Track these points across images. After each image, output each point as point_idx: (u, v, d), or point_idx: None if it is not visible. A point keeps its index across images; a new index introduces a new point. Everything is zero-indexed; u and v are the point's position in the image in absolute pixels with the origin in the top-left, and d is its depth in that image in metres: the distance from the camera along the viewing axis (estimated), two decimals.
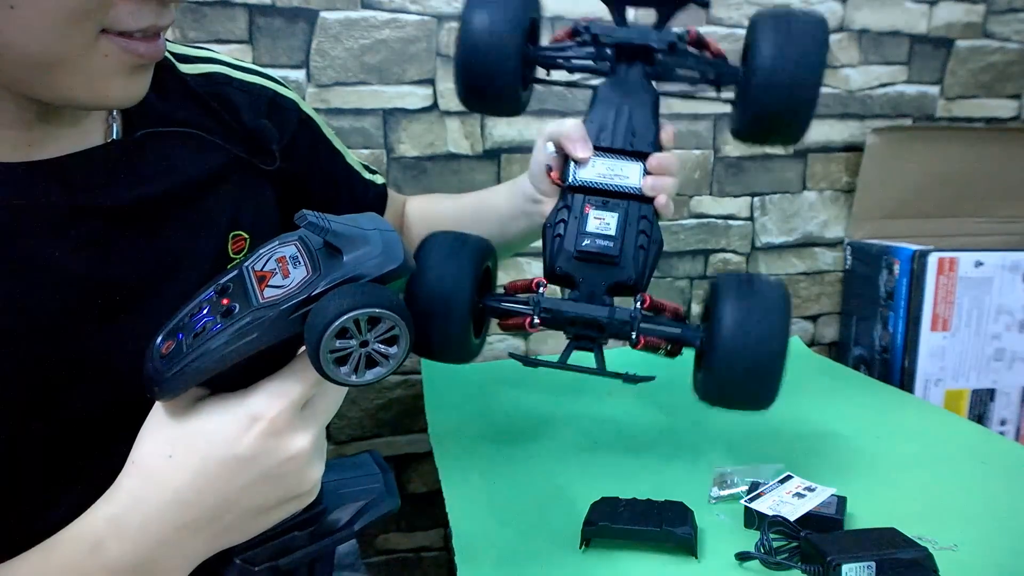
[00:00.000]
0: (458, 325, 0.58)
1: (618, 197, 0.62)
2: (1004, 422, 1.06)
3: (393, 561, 1.13)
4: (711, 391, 0.58)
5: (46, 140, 0.48)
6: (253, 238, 0.58)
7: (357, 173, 0.73)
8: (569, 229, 0.61)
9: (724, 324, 0.54)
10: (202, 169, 0.55)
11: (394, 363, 0.39)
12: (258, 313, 0.37)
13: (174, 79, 0.56)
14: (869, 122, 1.16)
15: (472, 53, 0.60)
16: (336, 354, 0.37)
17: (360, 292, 0.37)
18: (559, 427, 0.78)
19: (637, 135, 0.63)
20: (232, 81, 0.60)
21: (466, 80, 0.62)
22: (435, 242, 0.60)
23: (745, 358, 0.54)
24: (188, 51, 0.60)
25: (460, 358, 0.61)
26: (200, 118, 0.56)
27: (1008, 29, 1.19)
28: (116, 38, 0.42)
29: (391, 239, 0.40)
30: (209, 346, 0.37)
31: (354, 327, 0.37)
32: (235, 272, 0.41)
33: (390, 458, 1.09)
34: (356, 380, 0.38)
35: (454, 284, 0.57)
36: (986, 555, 0.53)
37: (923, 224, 1.17)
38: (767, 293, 0.56)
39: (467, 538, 0.57)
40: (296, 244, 0.41)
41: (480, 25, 0.60)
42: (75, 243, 0.48)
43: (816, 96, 0.58)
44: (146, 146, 0.52)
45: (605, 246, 0.59)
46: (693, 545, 0.54)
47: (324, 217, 0.39)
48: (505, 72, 0.61)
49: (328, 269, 0.38)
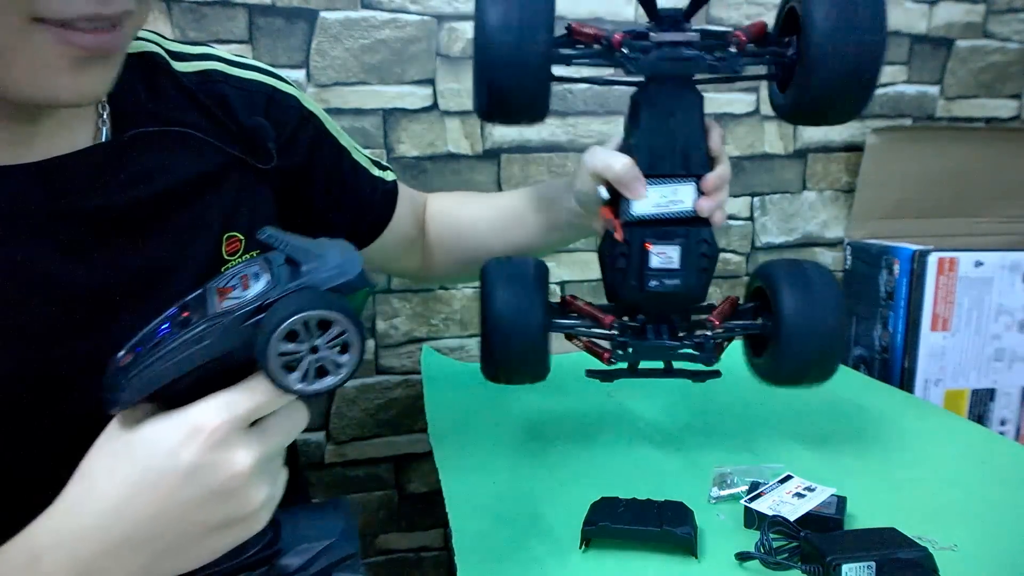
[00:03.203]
0: (538, 353, 0.60)
1: (675, 224, 0.60)
2: (1004, 422, 1.06)
3: (393, 561, 1.13)
4: (783, 372, 0.61)
5: (30, 142, 0.47)
6: (248, 239, 0.57)
7: (365, 170, 0.71)
8: (631, 264, 0.60)
9: (791, 309, 0.59)
10: (195, 170, 0.54)
11: (346, 372, 0.38)
12: (212, 320, 0.37)
13: (168, 78, 0.55)
14: (869, 122, 1.16)
15: (497, 63, 0.54)
16: (285, 358, 0.37)
17: (311, 297, 0.37)
18: (559, 427, 0.78)
19: (690, 158, 0.59)
20: (229, 79, 0.59)
21: (492, 94, 0.56)
22: (499, 271, 0.61)
23: (814, 338, 0.59)
24: (184, 49, 0.59)
25: (538, 379, 0.63)
26: (194, 118, 0.55)
27: (1008, 29, 1.20)
28: (54, 28, 0.39)
29: (350, 255, 0.40)
30: (161, 352, 0.37)
31: (304, 331, 0.37)
32: (199, 291, 0.41)
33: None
34: (306, 388, 0.38)
35: (529, 313, 0.59)
36: (986, 555, 0.53)
37: (923, 224, 1.17)
38: (818, 273, 0.61)
39: (467, 538, 0.57)
40: (260, 263, 0.41)
41: (503, 29, 0.53)
42: (59, 248, 0.47)
43: (882, 61, 0.54)
44: (136, 147, 0.51)
45: (673, 285, 0.60)
46: (693, 545, 0.54)
47: (281, 233, 0.40)
48: (537, 82, 0.55)
49: (285, 280, 0.38)
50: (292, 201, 0.65)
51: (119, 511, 0.37)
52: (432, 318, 1.06)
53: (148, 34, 0.57)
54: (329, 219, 0.69)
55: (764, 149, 1.14)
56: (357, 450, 1.07)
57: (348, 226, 0.71)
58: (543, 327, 0.60)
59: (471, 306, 1.07)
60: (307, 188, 0.66)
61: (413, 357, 1.06)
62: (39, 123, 0.47)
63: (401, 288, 1.04)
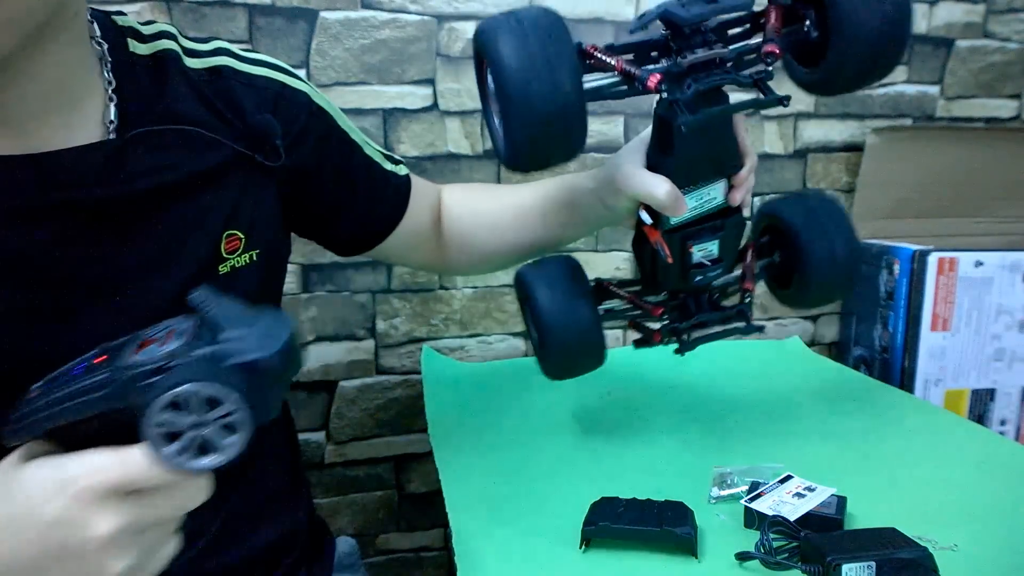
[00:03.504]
0: (596, 344, 0.64)
1: (710, 219, 0.62)
2: (1004, 422, 1.06)
3: (393, 561, 1.13)
4: (808, 297, 0.68)
5: (36, 135, 0.47)
6: (249, 238, 0.57)
7: (377, 164, 0.70)
8: (674, 263, 0.62)
9: (809, 238, 0.64)
10: (197, 166, 0.54)
11: (230, 454, 0.36)
12: (113, 373, 0.37)
13: (180, 75, 0.55)
14: (869, 122, 1.16)
15: (533, 119, 0.48)
16: (164, 428, 0.35)
17: (208, 370, 0.35)
18: (559, 427, 0.78)
19: (724, 163, 0.60)
20: (238, 75, 0.58)
21: (533, 149, 0.51)
22: (537, 276, 0.65)
23: (833, 263, 0.64)
24: (197, 45, 0.59)
25: (599, 365, 0.67)
26: (201, 115, 0.55)
27: (1008, 29, 1.20)
28: None
29: (278, 332, 0.38)
30: (59, 394, 0.37)
31: (189, 404, 0.35)
32: (127, 337, 0.40)
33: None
34: (182, 462, 0.36)
35: (579, 310, 0.63)
36: (986, 555, 0.53)
37: (923, 224, 1.17)
38: (823, 200, 0.67)
39: (467, 538, 0.57)
40: (192, 320, 0.40)
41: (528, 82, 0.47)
42: (55, 238, 0.48)
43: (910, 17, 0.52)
44: (140, 145, 0.51)
45: (715, 275, 0.64)
46: (693, 545, 0.54)
47: (219, 297, 0.38)
48: (575, 126, 0.50)
49: (197, 346, 0.37)
50: (302, 198, 0.64)
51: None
52: (432, 318, 1.06)
53: (168, 28, 0.57)
54: (341, 215, 0.68)
55: (764, 149, 1.14)
56: (357, 450, 1.07)
57: (360, 221, 0.70)
58: (596, 320, 0.64)
59: (471, 306, 1.07)
60: (317, 185, 0.65)
61: (413, 357, 1.06)
62: (45, 117, 0.48)
63: (401, 288, 1.04)
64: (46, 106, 0.48)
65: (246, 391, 0.36)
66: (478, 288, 1.07)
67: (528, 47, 0.48)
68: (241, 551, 0.61)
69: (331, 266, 1.01)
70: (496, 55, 0.48)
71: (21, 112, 0.47)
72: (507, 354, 1.10)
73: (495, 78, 0.49)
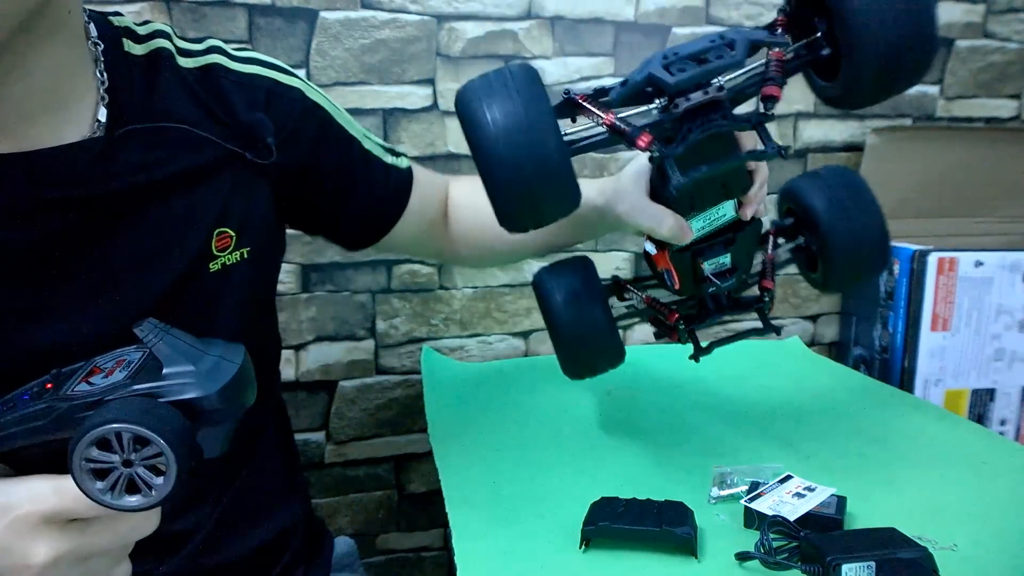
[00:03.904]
0: (614, 345, 0.65)
1: (720, 234, 0.61)
2: (1004, 422, 1.06)
3: (393, 561, 1.13)
4: (840, 278, 0.65)
5: (25, 133, 0.48)
6: (240, 235, 0.57)
7: (377, 159, 0.69)
8: (684, 277, 0.62)
9: (827, 215, 0.62)
10: (187, 164, 0.54)
11: (157, 495, 0.36)
12: (53, 403, 0.37)
13: (172, 73, 0.55)
14: (869, 122, 1.16)
15: (520, 186, 0.46)
16: (93, 464, 0.35)
17: (138, 408, 0.35)
18: (559, 427, 0.78)
19: (730, 187, 0.58)
20: (229, 73, 0.58)
21: (526, 211, 0.48)
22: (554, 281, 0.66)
23: (859, 245, 0.62)
24: (190, 45, 0.59)
25: (618, 363, 0.68)
26: (191, 113, 0.55)
27: (1008, 29, 1.20)
28: None
29: (224, 369, 0.38)
30: (4, 420, 0.37)
31: (117, 442, 0.35)
32: (79, 364, 0.40)
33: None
34: (107, 500, 0.36)
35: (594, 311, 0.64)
36: (986, 555, 0.53)
37: (923, 224, 1.17)
38: (844, 176, 0.65)
39: (467, 538, 0.57)
40: (141, 353, 0.40)
41: (512, 149, 0.45)
42: (43, 235, 0.48)
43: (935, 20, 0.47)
44: (129, 143, 0.52)
45: (730, 284, 0.62)
46: (693, 545, 0.54)
47: (164, 331, 0.38)
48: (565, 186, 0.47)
49: (138, 380, 0.37)
50: (301, 194, 0.64)
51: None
52: (432, 318, 1.06)
53: (163, 28, 0.58)
54: (342, 210, 0.68)
55: None
56: (357, 450, 1.07)
57: (362, 215, 0.70)
58: (610, 321, 0.64)
59: (471, 306, 1.07)
60: (315, 181, 0.65)
61: (413, 357, 1.06)
62: (37, 116, 0.48)
63: (401, 288, 1.04)
64: (39, 105, 0.48)
65: (179, 431, 0.36)
66: (478, 288, 1.07)
67: (505, 109, 0.45)
68: (237, 549, 0.62)
69: (331, 266, 1.01)
70: (470, 120, 0.46)
71: (13, 111, 0.47)
72: (507, 354, 1.10)
73: (469, 144, 0.47)
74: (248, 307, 0.60)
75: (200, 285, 0.55)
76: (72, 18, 0.48)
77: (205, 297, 0.56)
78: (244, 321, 0.59)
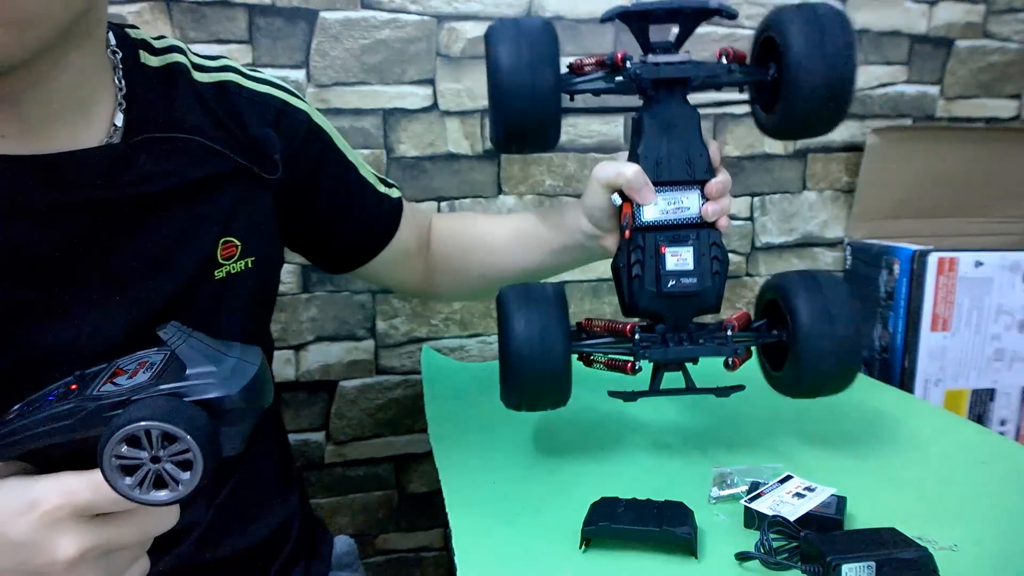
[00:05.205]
0: (561, 382, 0.61)
1: (683, 228, 0.63)
2: (1004, 422, 1.06)
3: (393, 561, 1.13)
4: (803, 383, 0.63)
5: (43, 136, 0.48)
6: (245, 245, 0.59)
7: (371, 186, 0.73)
8: (647, 269, 0.63)
9: (807, 321, 0.60)
10: (199, 174, 0.55)
11: (184, 490, 0.37)
12: (81, 403, 0.38)
13: (187, 86, 0.57)
14: (869, 122, 1.16)
15: (512, 99, 0.59)
16: (122, 461, 0.36)
17: (165, 407, 0.36)
18: (559, 427, 0.78)
19: (693, 164, 0.64)
20: (243, 91, 0.61)
21: (508, 127, 0.61)
22: (517, 297, 0.61)
23: (832, 349, 0.60)
24: (205, 61, 0.61)
25: (560, 405, 0.63)
26: (204, 125, 0.57)
27: (1008, 29, 1.20)
28: None
29: (244, 370, 0.39)
30: (29, 420, 0.38)
31: (146, 439, 0.36)
32: (103, 365, 0.41)
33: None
34: (137, 495, 0.37)
35: (551, 340, 0.59)
36: (986, 555, 0.53)
37: (923, 224, 1.17)
38: (830, 283, 0.62)
39: (467, 538, 0.57)
40: (163, 354, 0.41)
41: (515, 70, 0.59)
42: (57, 237, 0.49)
43: (853, 85, 0.61)
44: (143, 150, 0.53)
45: (689, 284, 0.62)
46: (693, 545, 0.54)
47: (187, 334, 0.39)
48: (548, 113, 0.60)
49: (162, 380, 0.38)
50: (298, 211, 0.66)
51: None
52: (432, 318, 1.06)
53: (178, 44, 0.60)
54: (334, 230, 0.71)
55: (764, 149, 1.14)
56: (357, 450, 1.07)
57: (353, 237, 0.73)
58: (566, 353, 0.60)
59: (471, 306, 1.07)
60: (313, 200, 0.67)
61: (413, 357, 1.06)
62: (58, 120, 0.49)
63: None
64: (60, 110, 0.49)
65: (204, 428, 0.37)
66: None
67: (520, 54, 0.59)
68: (234, 545, 0.62)
69: None
70: (493, 52, 0.59)
71: (35, 112, 0.48)
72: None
73: (487, 71, 0.60)
74: (249, 315, 0.62)
75: (206, 292, 0.56)
76: (100, 25, 0.50)
77: (210, 304, 0.57)
78: (245, 328, 0.60)
